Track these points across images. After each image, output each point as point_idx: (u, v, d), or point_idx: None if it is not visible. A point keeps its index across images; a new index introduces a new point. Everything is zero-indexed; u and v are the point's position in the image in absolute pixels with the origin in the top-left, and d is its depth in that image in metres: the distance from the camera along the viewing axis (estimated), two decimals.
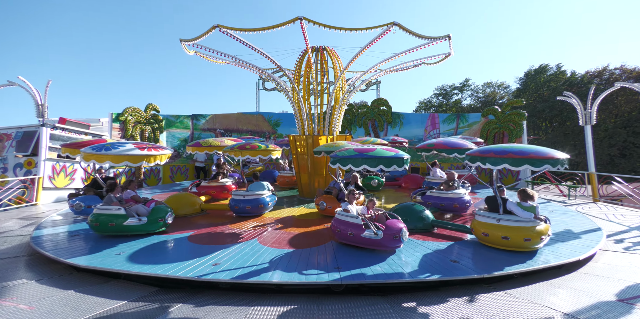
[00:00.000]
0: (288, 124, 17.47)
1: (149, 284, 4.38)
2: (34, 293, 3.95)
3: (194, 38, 9.21)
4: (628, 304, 3.52)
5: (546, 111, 31.14)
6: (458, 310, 3.47)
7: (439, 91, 42.57)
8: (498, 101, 37.56)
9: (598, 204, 9.59)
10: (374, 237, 4.85)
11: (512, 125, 14.53)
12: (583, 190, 11.07)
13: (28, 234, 6.40)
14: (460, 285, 4.27)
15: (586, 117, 10.96)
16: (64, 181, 11.15)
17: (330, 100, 9.86)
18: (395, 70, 10.83)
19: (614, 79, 29.16)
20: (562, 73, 33.56)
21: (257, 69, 10.16)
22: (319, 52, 10.15)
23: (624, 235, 6.38)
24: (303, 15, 8.37)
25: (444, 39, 9.03)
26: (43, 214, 8.63)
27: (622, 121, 28.24)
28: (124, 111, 14.87)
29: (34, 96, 10.69)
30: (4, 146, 10.87)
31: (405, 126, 17.27)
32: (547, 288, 4.04)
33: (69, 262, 4.71)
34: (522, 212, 5.00)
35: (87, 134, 12.59)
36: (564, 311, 3.35)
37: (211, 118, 17.50)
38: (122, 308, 3.57)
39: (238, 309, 3.55)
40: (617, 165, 27.04)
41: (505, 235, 4.94)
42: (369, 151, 6.09)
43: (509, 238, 4.91)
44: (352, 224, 5.11)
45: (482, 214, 5.35)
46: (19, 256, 5.36)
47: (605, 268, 4.70)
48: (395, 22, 8.63)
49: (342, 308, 3.58)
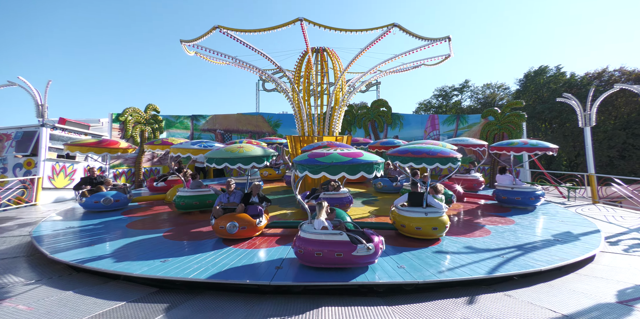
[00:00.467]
0: (288, 124, 17.47)
1: (149, 285, 4.38)
2: (33, 293, 3.94)
3: (194, 39, 9.23)
4: (627, 306, 3.52)
5: (546, 112, 31.17)
6: (457, 311, 3.47)
7: (439, 92, 42.60)
8: (498, 102, 37.61)
9: (597, 206, 9.60)
10: (368, 253, 4.22)
11: (512, 126, 14.55)
12: (582, 192, 11.08)
13: (27, 235, 6.39)
14: (460, 286, 4.27)
15: (586, 119, 10.98)
16: (64, 181, 11.13)
17: (330, 101, 9.87)
18: (395, 72, 10.86)
19: (614, 81, 29.21)
20: (562, 75, 33.61)
21: (257, 69, 10.18)
22: (319, 53, 10.17)
23: (623, 237, 6.39)
24: (303, 17, 8.39)
25: (444, 40, 9.06)
26: (42, 214, 8.62)
27: (622, 122, 28.28)
28: (124, 111, 14.87)
29: (34, 96, 10.69)
30: (4, 146, 10.86)
31: (405, 127, 17.28)
32: (547, 290, 4.04)
33: (68, 262, 4.71)
34: (439, 204, 5.75)
35: (87, 135, 12.59)
36: (563, 313, 3.35)
37: (211, 119, 17.50)
38: (122, 309, 3.56)
39: (238, 310, 3.54)
40: (617, 167, 27.06)
41: (418, 225, 5.59)
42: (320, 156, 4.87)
43: (420, 228, 5.58)
44: (339, 242, 4.27)
45: (402, 208, 5.89)
46: (18, 256, 5.35)
47: (605, 270, 4.71)
48: (396, 24, 8.65)
49: (341, 308, 3.57)
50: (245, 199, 6.31)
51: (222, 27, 8.86)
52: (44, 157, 10.57)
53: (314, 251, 4.25)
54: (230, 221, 5.53)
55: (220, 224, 5.56)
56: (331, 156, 4.77)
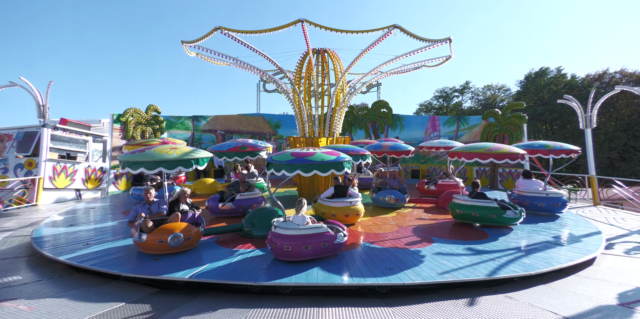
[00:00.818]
0: (289, 125, 17.51)
1: (149, 286, 4.38)
2: (34, 293, 3.94)
3: (195, 40, 9.26)
4: (629, 308, 3.51)
5: (546, 114, 31.16)
6: (458, 313, 3.46)
7: (440, 94, 42.62)
8: (498, 103, 37.61)
9: (598, 208, 9.59)
10: (344, 240, 4.86)
11: (513, 128, 14.55)
12: (583, 193, 11.06)
13: (28, 235, 6.40)
14: (461, 287, 4.27)
15: (586, 121, 10.97)
16: (65, 181, 11.15)
17: (331, 102, 9.88)
18: (396, 73, 10.87)
19: (614, 83, 29.21)
20: (563, 76, 33.61)
21: (258, 70, 10.20)
22: (320, 54, 10.19)
23: (624, 239, 6.38)
24: (304, 18, 8.41)
25: (445, 41, 9.07)
26: (43, 214, 8.63)
27: (623, 124, 28.26)
28: (125, 111, 14.90)
29: (35, 97, 10.73)
30: (5, 146, 10.88)
31: (405, 128, 17.30)
32: (547, 291, 4.03)
33: (69, 263, 4.72)
34: (357, 194, 7.10)
35: (88, 135, 12.62)
36: (564, 315, 3.35)
37: (212, 119, 17.53)
38: (122, 310, 3.56)
39: (238, 311, 3.54)
40: (617, 168, 27.03)
41: (333, 213, 6.68)
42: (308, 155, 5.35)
43: (335, 215, 6.64)
44: (323, 233, 4.70)
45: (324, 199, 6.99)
46: (19, 256, 5.36)
47: (606, 272, 4.70)
48: (397, 25, 8.67)
49: (342, 310, 3.57)
50: (172, 208, 5.58)
51: (224, 28, 8.88)
52: (45, 157, 10.59)
53: (302, 245, 4.54)
54: (172, 234, 4.89)
55: (157, 239, 4.83)
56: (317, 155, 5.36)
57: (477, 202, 6.68)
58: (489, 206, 6.55)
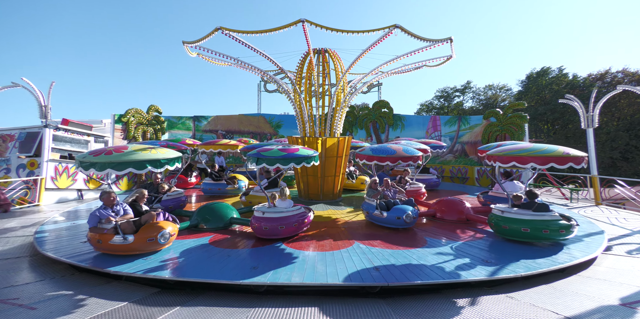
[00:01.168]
0: (289, 125, 17.52)
1: (151, 285, 4.39)
2: (36, 293, 3.96)
3: (196, 40, 9.27)
4: (631, 308, 3.50)
5: (548, 113, 31.08)
6: (459, 313, 3.46)
7: (441, 93, 42.55)
8: (500, 103, 37.52)
9: (600, 208, 9.55)
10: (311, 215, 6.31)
11: (514, 127, 14.52)
12: (585, 193, 11.02)
13: (30, 235, 6.42)
14: (462, 288, 4.26)
15: (588, 120, 10.93)
16: (67, 181, 11.19)
17: (332, 102, 9.88)
18: (397, 73, 10.85)
19: (616, 82, 29.11)
20: (564, 76, 33.52)
21: (259, 70, 10.20)
22: (320, 54, 10.18)
23: (626, 239, 6.35)
24: (305, 18, 8.41)
25: (446, 41, 9.05)
26: (45, 214, 8.66)
27: (625, 124, 28.16)
28: (126, 112, 14.94)
29: (37, 97, 10.77)
30: (7, 146, 10.92)
31: (406, 128, 17.28)
32: (549, 291, 4.02)
33: (71, 262, 4.73)
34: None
35: (90, 135, 12.65)
36: (566, 315, 3.34)
37: (213, 119, 17.56)
38: (124, 309, 3.57)
39: (239, 311, 3.55)
40: (619, 168, 26.92)
41: None
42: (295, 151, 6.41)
43: None
44: (304, 212, 6.11)
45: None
46: (21, 256, 5.38)
47: (608, 272, 4.68)
48: (397, 25, 8.66)
49: (342, 309, 3.57)
50: (135, 209, 5.49)
51: (224, 28, 8.89)
52: (47, 157, 10.63)
53: (292, 223, 5.79)
54: (160, 231, 5.00)
55: (147, 237, 4.90)
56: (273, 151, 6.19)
57: (536, 216, 5.42)
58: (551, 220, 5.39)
